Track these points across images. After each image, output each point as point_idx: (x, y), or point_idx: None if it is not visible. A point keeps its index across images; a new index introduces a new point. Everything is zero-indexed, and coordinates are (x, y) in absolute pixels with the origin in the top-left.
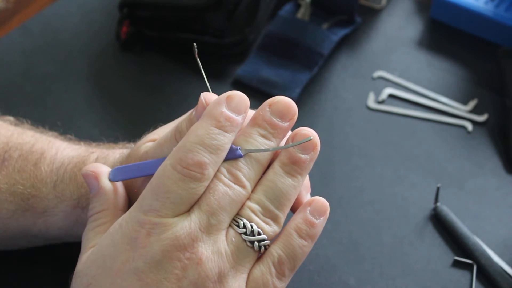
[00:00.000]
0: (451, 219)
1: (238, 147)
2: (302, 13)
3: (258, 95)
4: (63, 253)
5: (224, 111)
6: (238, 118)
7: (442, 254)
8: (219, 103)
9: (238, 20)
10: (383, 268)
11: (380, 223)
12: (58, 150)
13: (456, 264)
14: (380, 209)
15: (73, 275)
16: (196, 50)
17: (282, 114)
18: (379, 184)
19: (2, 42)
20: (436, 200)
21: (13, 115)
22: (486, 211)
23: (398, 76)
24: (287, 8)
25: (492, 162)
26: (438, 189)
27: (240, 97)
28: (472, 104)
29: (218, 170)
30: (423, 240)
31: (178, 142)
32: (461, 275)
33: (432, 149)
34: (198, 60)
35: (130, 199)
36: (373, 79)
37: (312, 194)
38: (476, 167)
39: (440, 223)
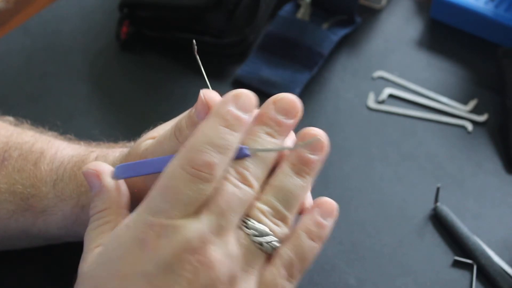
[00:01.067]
0: (451, 219)
1: (245, 146)
2: (302, 13)
3: (258, 95)
4: (62, 253)
5: (232, 109)
6: (246, 117)
7: (442, 254)
8: (226, 101)
9: (238, 20)
10: (383, 268)
11: (380, 223)
12: (57, 149)
13: (456, 264)
14: (380, 209)
15: (76, 276)
16: (196, 47)
17: (286, 111)
18: (379, 184)
19: (2, 42)
20: (436, 200)
21: (13, 115)
22: (486, 211)
23: (398, 76)
24: (287, 8)
25: (492, 162)
26: (438, 189)
27: (247, 95)
28: (472, 104)
29: (225, 170)
30: (423, 240)
31: (178, 140)
32: (461, 275)
33: (432, 149)
34: (198, 57)
35: (131, 199)
36: (373, 79)
37: (312, 194)
38: (476, 167)
39: (440, 223)
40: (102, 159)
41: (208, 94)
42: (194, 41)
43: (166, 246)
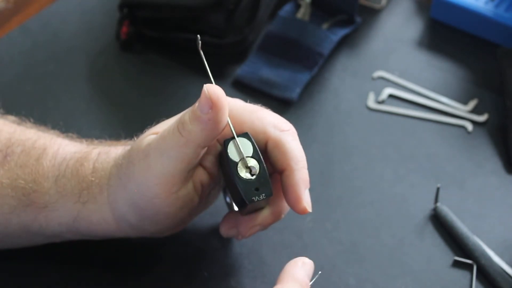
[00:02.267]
0: (451, 219)
1: None
2: (302, 13)
3: (258, 95)
4: (63, 252)
5: None
6: None
7: (442, 254)
8: None
9: (238, 20)
10: (383, 268)
11: (380, 223)
12: (60, 146)
13: (456, 264)
14: (380, 209)
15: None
16: (200, 42)
17: None
18: (379, 184)
19: (2, 42)
20: (436, 200)
21: (14, 115)
22: (486, 211)
23: (398, 76)
24: (287, 8)
25: (492, 162)
26: (438, 189)
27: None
28: (472, 104)
29: None
30: (423, 240)
31: (181, 134)
32: (461, 275)
33: (432, 149)
34: (202, 53)
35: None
36: (373, 79)
37: (312, 194)
38: (476, 167)
39: (440, 223)
40: (105, 156)
41: (211, 89)
42: (198, 36)
43: None
